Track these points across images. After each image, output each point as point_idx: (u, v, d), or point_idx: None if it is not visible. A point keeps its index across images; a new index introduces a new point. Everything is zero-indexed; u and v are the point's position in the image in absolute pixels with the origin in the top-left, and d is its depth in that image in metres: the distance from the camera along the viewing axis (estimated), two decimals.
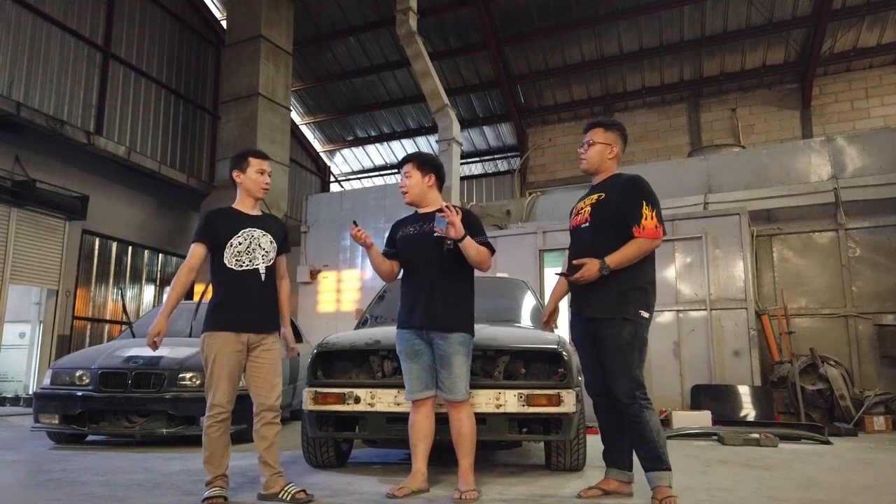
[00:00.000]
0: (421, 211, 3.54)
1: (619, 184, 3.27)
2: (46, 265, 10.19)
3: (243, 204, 3.39)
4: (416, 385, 3.31)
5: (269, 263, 3.33)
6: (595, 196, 3.28)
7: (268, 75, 12.48)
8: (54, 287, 10.34)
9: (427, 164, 3.54)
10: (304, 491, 3.15)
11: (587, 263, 3.07)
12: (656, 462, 2.99)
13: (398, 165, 3.63)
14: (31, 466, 4.32)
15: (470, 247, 3.24)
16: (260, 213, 3.45)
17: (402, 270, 3.56)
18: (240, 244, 3.26)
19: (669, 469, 3.00)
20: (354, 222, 3.39)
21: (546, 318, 3.51)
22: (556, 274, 3.35)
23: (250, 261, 3.27)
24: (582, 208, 3.33)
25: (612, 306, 3.09)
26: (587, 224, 3.25)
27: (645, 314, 3.14)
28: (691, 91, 14.96)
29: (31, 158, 9.92)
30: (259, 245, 3.31)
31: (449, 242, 3.26)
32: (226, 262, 3.23)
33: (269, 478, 3.19)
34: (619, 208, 3.16)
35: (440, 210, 3.25)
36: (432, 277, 3.36)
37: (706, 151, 11.05)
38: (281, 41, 12.95)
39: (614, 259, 3.06)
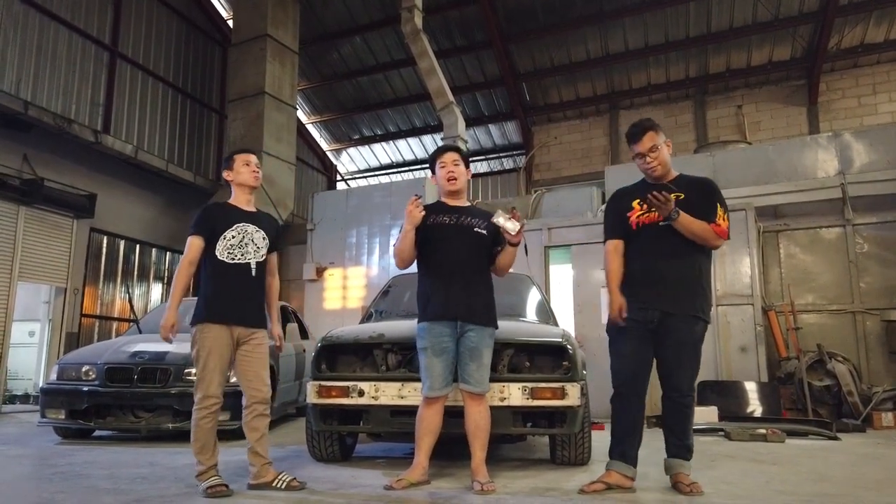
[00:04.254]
0: (452, 203, 3.54)
1: (693, 184, 3.33)
2: (55, 263, 10.24)
3: (238, 200, 3.47)
4: (438, 382, 3.29)
5: (261, 259, 3.38)
6: (673, 195, 3.18)
7: (274, 74, 12.49)
8: (62, 285, 10.39)
9: (467, 159, 3.64)
10: (296, 479, 3.24)
11: (668, 198, 3.08)
12: (686, 452, 3.25)
13: (433, 156, 3.61)
14: (37, 460, 4.34)
15: (513, 252, 3.44)
16: (255, 210, 3.50)
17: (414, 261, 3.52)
18: (233, 237, 3.31)
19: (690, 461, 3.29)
20: (417, 195, 3.40)
21: (618, 312, 3.22)
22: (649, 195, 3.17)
23: (242, 255, 3.31)
24: None
25: (693, 304, 3.20)
26: (666, 222, 3.18)
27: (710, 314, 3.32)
28: (697, 88, 14.88)
29: (39, 157, 9.96)
30: (252, 240, 3.36)
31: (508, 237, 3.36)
32: (217, 254, 3.27)
33: (260, 468, 3.25)
34: (699, 209, 3.18)
35: (506, 213, 3.33)
36: (470, 271, 3.41)
37: (712, 148, 10.99)
38: (287, 40, 12.96)
39: (685, 218, 3.12)
